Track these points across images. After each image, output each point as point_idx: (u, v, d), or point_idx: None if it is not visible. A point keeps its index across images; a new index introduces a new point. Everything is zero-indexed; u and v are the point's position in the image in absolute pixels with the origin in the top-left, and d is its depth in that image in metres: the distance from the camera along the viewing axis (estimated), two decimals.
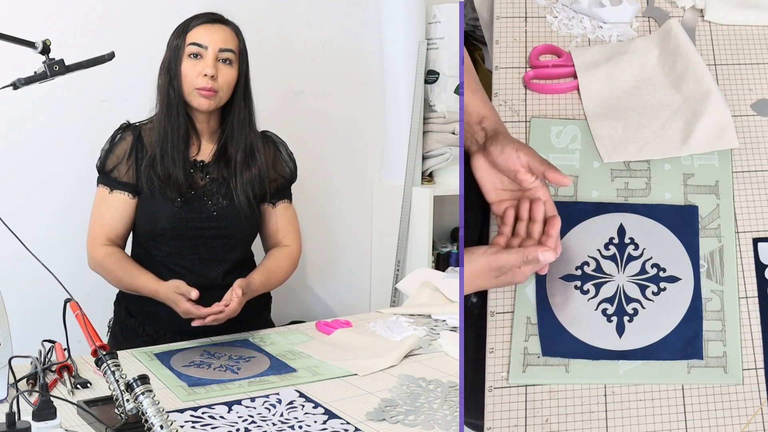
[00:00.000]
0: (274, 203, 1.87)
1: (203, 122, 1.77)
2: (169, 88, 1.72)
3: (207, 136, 1.79)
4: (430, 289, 1.96)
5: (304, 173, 2.57)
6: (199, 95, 1.70)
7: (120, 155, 1.74)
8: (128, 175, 1.74)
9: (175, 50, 1.72)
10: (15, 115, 2.06)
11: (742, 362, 1.18)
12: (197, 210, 1.74)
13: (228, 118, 1.78)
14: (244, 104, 1.79)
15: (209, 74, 1.68)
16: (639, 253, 1.25)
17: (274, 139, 1.91)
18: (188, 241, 1.74)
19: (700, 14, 1.48)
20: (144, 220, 1.75)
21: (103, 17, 2.16)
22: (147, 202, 1.74)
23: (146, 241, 1.77)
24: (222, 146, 1.78)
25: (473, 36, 2.35)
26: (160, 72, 1.75)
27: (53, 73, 1.35)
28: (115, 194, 1.74)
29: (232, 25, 1.78)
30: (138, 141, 1.75)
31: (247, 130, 1.80)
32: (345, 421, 1.24)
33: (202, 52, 1.70)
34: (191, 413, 1.26)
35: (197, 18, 1.74)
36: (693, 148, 1.31)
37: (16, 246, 1.29)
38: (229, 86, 1.74)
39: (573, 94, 1.40)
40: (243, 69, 1.77)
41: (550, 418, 1.15)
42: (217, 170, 1.77)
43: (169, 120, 1.72)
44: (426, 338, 1.67)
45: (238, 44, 1.76)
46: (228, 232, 1.77)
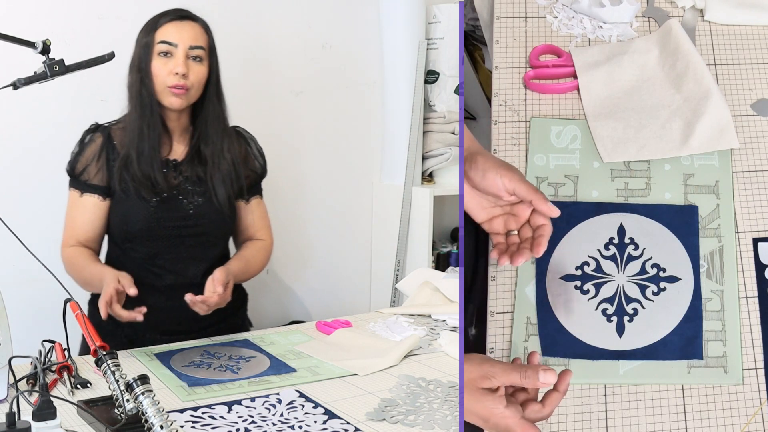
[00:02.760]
0: (247, 199, 1.86)
1: (174, 120, 1.75)
2: (141, 86, 1.69)
3: (178, 134, 1.77)
4: (430, 289, 1.96)
5: (304, 173, 2.58)
6: (171, 94, 1.67)
7: (89, 157, 1.71)
8: (99, 177, 1.71)
9: (145, 48, 1.69)
10: (15, 115, 2.06)
11: (742, 362, 1.18)
12: (173, 209, 1.72)
13: (201, 116, 1.76)
14: (217, 101, 1.77)
15: (180, 72, 1.66)
16: (639, 253, 1.25)
17: (245, 134, 1.89)
18: (166, 241, 1.72)
19: (700, 14, 1.48)
20: (119, 222, 1.72)
21: (103, 17, 2.16)
22: (121, 203, 1.71)
23: (123, 243, 1.74)
24: (195, 144, 1.76)
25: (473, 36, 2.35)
26: (130, 70, 1.72)
27: (53, 73, 1.35)
28: (86, 197, 1.72)
29: (201, 21, 1.75)
30: (108, 142, 1.72)
31: (221, 127, 1.78)
32: (345, 421, 1.23)
33: (172, 50, 1.68)
34: (191, 413, 1.26)
35: (165, 15, 1.71)
36: (693, 148, 1.31)
37: (16, 246, 1.29)
38: (200, 83, 1.72)
39: (573, 94, 1.40)
40: (214, 66, 1.75)
41: (550, 418, 1.15)
42: (190, 168, 1.76)
43: (144, 119, 1.69)
44: (426, 338, 1.67)
45: (208, 41, 1.74)
46: (205, 230, 1.76)
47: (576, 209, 1.28)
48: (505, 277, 1.25)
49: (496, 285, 1.25)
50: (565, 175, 1.31)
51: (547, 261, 1.25)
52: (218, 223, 1.77)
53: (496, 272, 1.26)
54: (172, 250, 1.73)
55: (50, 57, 1.36)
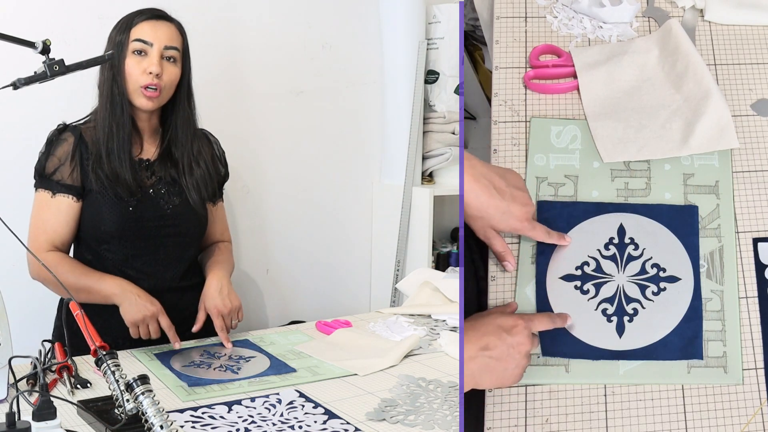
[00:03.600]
0: (214, 202, 1.86)
1: (145, 120, 1.73)
2: (113, 84, 1.66)
3: (148, 134, 1.76)
4: (430, 289, 1.96)
5: (304, 173, 2.58)
6: (143, 95, 1.65)
7: (62, 157, 1.67)
8: (72, 177, 1.67)
9: (119, 46, 1.66)
10: (15, 115, 2.06)
11: (742, 362, 1.18)
12: (151, 209, 1.70)
13: (171, 118, 1.75)
14: (188, 103, 1.76)
15: (154, 72, 1.64)
16: (639, 253, 1.25)
17: (210, 137, 1.88)
18: (144, 242, 1.70)
19: (700, 14, 1.48)
20: (94, 223, 1.69)
21: (103, 17, 2.15)
22: (95, 204, 1.68)
23: (98, 245, 1.70)
24: (166, 146, 1.75)
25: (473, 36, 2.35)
26: (101, 67, 1.70)
27: (53, 73, 1.35)
28: (59, 198, 1.67)
29: (176, 22, 1.73)
30: (80, 141, 1.69)
31: (191, 130, 1.77)
32: (345, 421, 1.23)
33: (147, 49, 1.66)
34: (191, 413, 1.26)
35: (141, 13, 1.69)
36: (693, 148, 1.31)
37: (16, 246, 1.29)
38: (173, 85, 1.70)
39: (573, 94, 1.40)
40: (186, 68, 1.74)
41: (550, 418, 1.16)
42: (163, 169, 1.74)
43: (114, 118, 1.67)
44: (426, 338, 1.67)
45: (182, 42, 1.73)
46: (182, 230, 1.74)
47: (576, 209, 1.28)
48: (505, 277, 1.25)
49: (496, 285, 1.25)
50: (565, 175, 1.31)
51: (547, 261, 1.25)
52: (194, 224, 1.77)
53: (496, 272, 1.26)
54: (150, 251, 1.71)
55: (50, 57, 1.35)
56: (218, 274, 1.72)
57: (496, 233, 1.23)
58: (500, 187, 1.19)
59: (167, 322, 1.56)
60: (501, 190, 1.18)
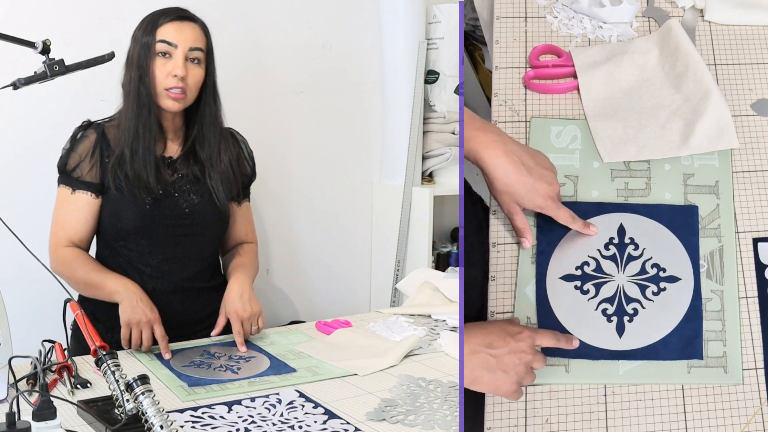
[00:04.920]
0: (239, 202, 1.86)
1: (169, 120, 1.74)
2: (140, 85, 1.67)
3: (172, 133, 1.76)
4: (430, 289, 1.96)
5: (304, 173, 2.58)
6: (168, 97, 1.66)
7: (82, 154, 1.69)
8: (92, 174, 1.69)
9: (145, 47, 1.66)
10: (15, 115, 2.06)
11: (742, 362, 1.18)
12: (169, 207, 1.70)
13: (196, 118, 1.75)
14: (213, 102, 1.76)
15: (179, 75, 1.65)
16: (639, 253, 1.25)
17: (237, 136, 1.88)
18: (160, 240, 1.71)
19: (700, 14, 1.48)
20: (112, 220, 1.70)
21: (103, 17, 2.16)
22: (114, 201, 1.69)
23: (115, 242, 1.72)
24: (191, 145, 1.76)
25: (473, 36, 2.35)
26: (127, 68, 1.70)
27: (53, 73, 1.35)
28: (78, 194, 1.69)
29: (200, 22, 1.73)
30: (102, 139, 1.70)
31: (217, 129, 1.77)
32: (345, 421, 1.23)
33: (171, 51, 1.66)
34: (191, 413, 1.26)
35: (166, 14, 1.69)
36: (693, 148, 1.31)
37: (16, 246, 1.29)
38: (197, 86, 1.71)
39: (573, 94, 1.40)
40: (211, 68, 1.74)
41: (550, 418, 1.16)
42: (186, 167, 1.75)
43: (140, 119, 1.67)
44: (426, 338, 1.67)
45: (207, 43, 1.73)
46: (200, 230, 1.75)
47: (576, 209, 1.28)
48: (505, 277, 1.25)
49: (496, 285, 1.25)
50: (565, 175, 1.31)
51: (547, 261, 1.25)
52: (213, 224, 1.77)
53: (496, 272, 1.26)
54: (167, 249, 1.72)
55: (50, 57, 1.35)
56: (240, 278, 1.72)
57: (519, 209, 1.24)
58: (529, 164, 1.21)
59: (161, 332, 1.55)
60: (529, 167, 1.21)
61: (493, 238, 1.28)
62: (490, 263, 1.26)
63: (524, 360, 1.12)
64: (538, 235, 1.27)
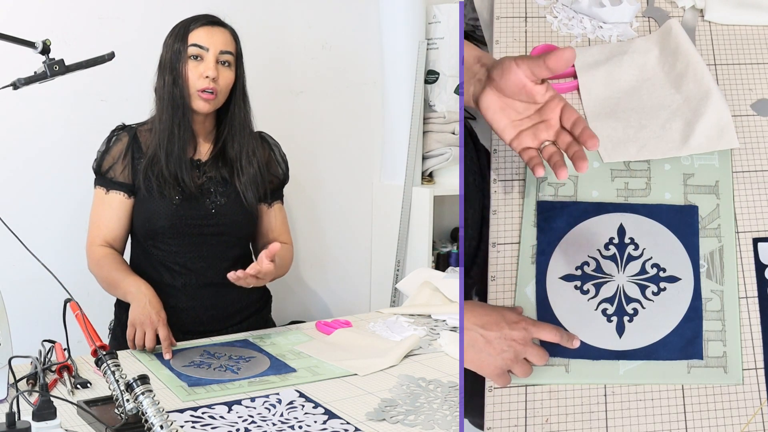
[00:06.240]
0: (270, 203, 1.89)
1: (200, 123, 1.80)
2: (173, 88, 1.73)
3: (203, 136, 1.82)
4: (430, 289, 1.96)
5: (305, 173, 2.58)
6: (200, 98, 1.72)
7: (115, 155, 1.77)
8: (124, 175, 1.76)
9: (177, 52, 1.73)
10: (15, 115, 2.06)
11: (742, 362, 1.18)
12: (196, 208, 1.76)
13: (226, 120, 1.81)
14: (243, 105, 1.82)
15: (211, 76, 1.71)
16: (639, 253, 1.25)
17: (269, 140, 1.94)
18: (188, 239, 1.76)
19: (700, 14, 1.48)
20: (142, 220, 1.76)
21: (103, 17, 2.16)
22: (143, 201, 1.75)
23: (145, 241, 1.79)
24: (221, 146, 1.81)
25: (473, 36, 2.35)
26: (160, 73, 1.77)
27: (53, 73, 1.35)
28: (112, 194, 1.77)
29: (229, 28, 1.80)
30: (134, 141, 1.77)
31: (246, 131, 1.83)
32: (345, 421, 1.23)
33: (203, 54, 1.73)
34: (191, 413, 1.26)
35: (197, 20, 1.76)
36: (693, 148, 1.31)
37: (16, 246, 1.29)
38: (228, 88, 1.77)
39: (573, 94, 1.40)
40: (240, 71, 1.80)
41: (550, 418, 1.16)
42: (214, 169, 1.80)
43: (175, 121, 1.73)
44: (426, 338, 1.67)
45: (236, 47, 1.80)
46: (226, 230, 1.79)
47: (576, 209, 1.28)
48: (505, 277, 1.25)
49: (496, 285, 1.25)
50: None
51: (547, 261, 1.25)
52: (239, 224, 1.81)
53: (496, 272, 1.26)
54: (194, 248, 1.77)
55: (50, 57, 1.36)
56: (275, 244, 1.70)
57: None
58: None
59: (165, 334, 1.57)
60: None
61: (493, 238, 1.28)
62: (490, 263, 1.26)
63: (514, 348, 1.13)
64: (538, 235, 1.27)
